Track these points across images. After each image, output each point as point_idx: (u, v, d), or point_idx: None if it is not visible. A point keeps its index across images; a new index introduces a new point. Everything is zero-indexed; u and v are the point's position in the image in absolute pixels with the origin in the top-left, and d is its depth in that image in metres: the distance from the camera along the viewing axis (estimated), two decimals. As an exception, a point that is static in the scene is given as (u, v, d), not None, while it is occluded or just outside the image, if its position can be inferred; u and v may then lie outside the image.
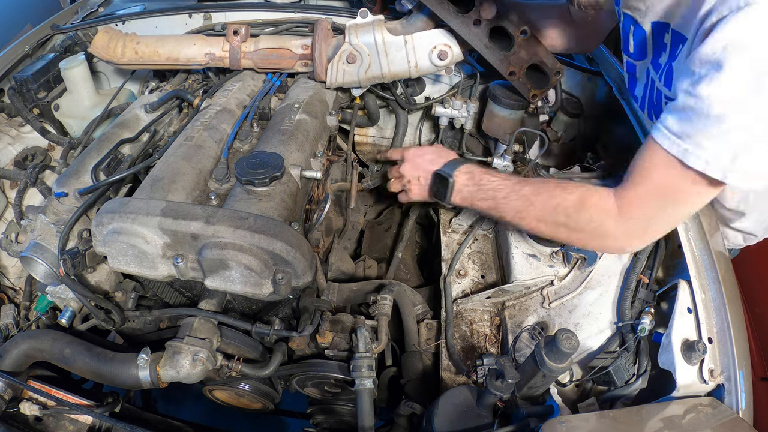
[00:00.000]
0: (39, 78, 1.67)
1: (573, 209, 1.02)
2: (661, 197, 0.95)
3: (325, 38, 1.50)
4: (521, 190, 1.10)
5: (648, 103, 1.22)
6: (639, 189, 0.96)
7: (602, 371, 1.09)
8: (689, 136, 0.86)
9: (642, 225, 0.99)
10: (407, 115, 1.79)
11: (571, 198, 1.03)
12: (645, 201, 0.96)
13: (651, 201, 0.96)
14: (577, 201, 1.02)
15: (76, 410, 1.17)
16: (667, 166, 0.90)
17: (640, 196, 0.96)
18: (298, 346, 1.25)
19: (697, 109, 0.84)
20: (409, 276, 1.67)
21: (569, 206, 1.02)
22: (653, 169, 0.93)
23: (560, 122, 1.68)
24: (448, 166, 1.23)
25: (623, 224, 0.99)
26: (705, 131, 0.84)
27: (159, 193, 1.15)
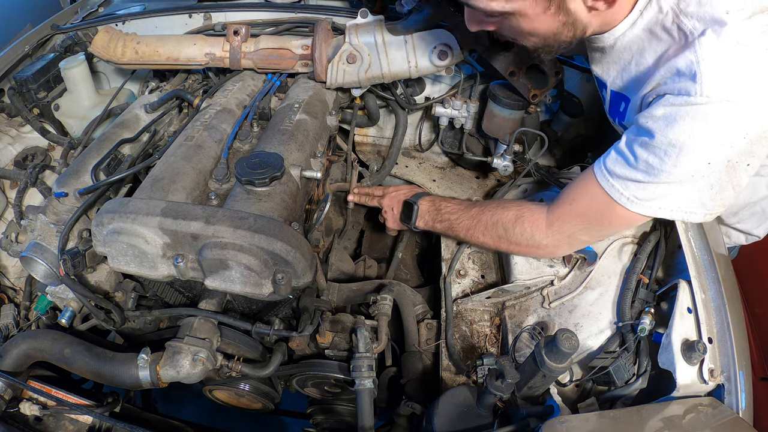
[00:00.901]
0: (39, 78, 1.67)
1: (510, 224, 1.20)
2: (585, 219, 1.10)
3: (325, 38, 1.51)
4: (470, 211, 1.29)
5: None
6: (567, 208, 1.12)
7: (602, 371, 1.09)
8: (619, 177, 1.01)
9: (566, 238, 1.15)
10: (407, 115, 1.79)
11: (508, 215, 1.21)
12: (570, 220, 1.12)
13: (576, 220, 1.11)
14: (513, 217, 1.20)
15: (76, 410, 1.17)
16: (596, 194, 1.05)
17: (567, 215, 1.12)
18: (298, 346, 1.25)
19: (630, 159, 0.99)
20: (409, 276, 1.67)
21: (506, 221, 1.21)
22: (584, 194, 1.09)
23: (560, 122, 1.68)
24: (414, 197, 1.42)
25: (550, 236, 1.15)
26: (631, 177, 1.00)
27: (159, 193, 1.15)
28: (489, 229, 1.24)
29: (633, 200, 1.00)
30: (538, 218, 1.16)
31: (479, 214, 1.26)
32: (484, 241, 1.27)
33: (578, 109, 1.65)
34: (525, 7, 0.92)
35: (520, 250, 1.25)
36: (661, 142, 0.92)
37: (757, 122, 0.87)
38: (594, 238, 1.18)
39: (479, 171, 1.85)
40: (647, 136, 0.94)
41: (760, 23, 0.85)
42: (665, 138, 0.91)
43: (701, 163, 0.91)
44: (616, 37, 1.05)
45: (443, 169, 1.88)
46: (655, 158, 0.94)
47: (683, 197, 0.98)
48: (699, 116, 0.87)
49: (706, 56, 0.86)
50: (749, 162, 0.93)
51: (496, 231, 1.22)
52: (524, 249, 1.22)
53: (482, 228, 1.25)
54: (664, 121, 0.91)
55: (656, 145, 0.93)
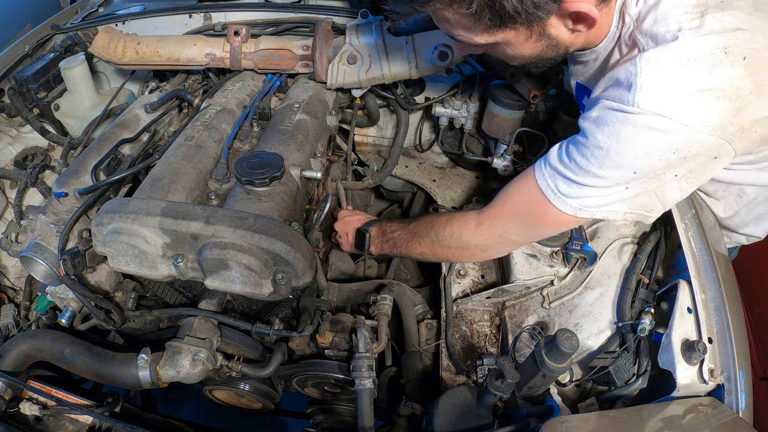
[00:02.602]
0: (39, 78, 1.67)
1: (440, 227, 1.20)
2: (517, 217, 1.09)
3: (325, 39, 1.50)
4: (408, 226, 1.30)
5: None
6: (499, 208, 1.11)
7: (602, 371, 1.09)
8: (552, 171, 1.01)
9: (497, 237, 1.14)
10: (408, 115, 1.79)
11: (440, 219, 1.22)
12: (501, 218, 1.11)
13: (507, 218, 1.10)
14: (444, 220, 1.20)
15: (76, 410, 1.17)
16: (529, 191, 1.04)
17: (499, 214, 1.11)
18: (298, 346, 1.25)
19: (564, 157, 0.99)
20: (409, 276, 1.67)
21: (437, 225, 1.21)
22: (518, 192, 1.08)
23: (560, 122, 1.68)
24: (366, 225, 1.42)
25: (479, 236, 1.14)
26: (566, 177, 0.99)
27: (159, 193, 1.15)
28: (423, 236, 1.23)
29: (558, 195, 1.00)
30: (468, 219, 1.16)
31: (416, 226, 1.27)
32: (422, 252, 1.26)
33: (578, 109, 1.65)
34: (508, 38, 0.94)
35: (451, 254, 1.23)
36: (590, 143, 0.93)
37: (689, 140, 0.86)
38: (525, 238, 1.16)
39: (479, 171, 1.85)
40: (582, 135, 0.96)
41: (711, 44, 0.85)
42: (594, 139, 0.92)
43: (626, 170, 0.92)
44: (599, 51, 1.07)
45: (443, 169, 1.88)
46: (582, 158, 0.95)
47: (605, 199, 0.98)
48: (628, 123, 0.88)
49: (645, 70, 0.86)
50: (677, 173, 0.93)
51: (429, 237, 1.22)
52: (454, 251, 1.21)
53: (419, 237, 1.25)
54: (595, 123, 0.93)
55: (586, 145, 0.94)
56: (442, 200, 1.71)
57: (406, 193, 1.95)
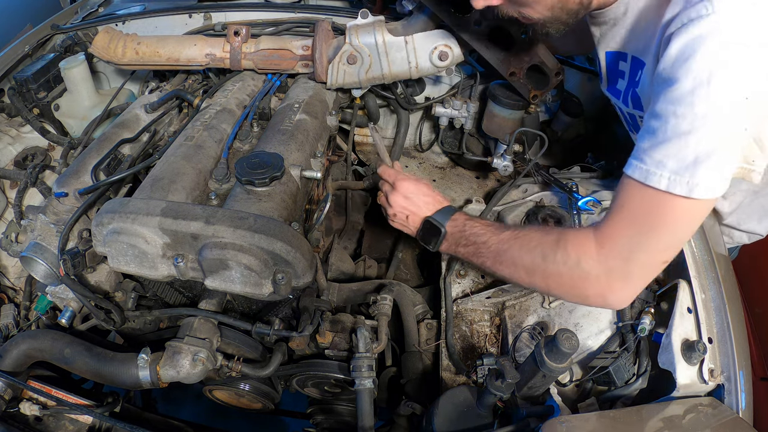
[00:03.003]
0: (39, 78, 1.67)
1: (550, 248, 0.95)
2: (636, 225, 0.89)
3: (325, 39, 1.50)
4: (501, 234, 1.05)
5: (625, 122, 1.25)
6: (614, 220, 0.91)
7: (602, 371, 1.09)
8: (650, 156, 0.85)
9: (622, 262, 0.91)
10: (408, 115, 1.79)
11: (549, 238, 0.97)
12: (622, 233, 0.90)
13: (627, 232, 0.89)
14: (555, 239, 0.96)
15: (76, 410, 1.17)
16: (636, 192, 0.87)
17: (618, 229, 0.90)
18: (298, 346, 1.25)
19: (655, 128, 0.84)
20: (409, 276, 1.67)
21: (546, 245, 0.96)
22: (626, 198, 0.90)
23: (560, 122, 1.68)
24: (441, 215, 1.16)
25: (603, 262, 0.91)
26: (663, 148, 0.83)
27: (159, 193, 1.15)
28: (523, 254, 0.98)
29: (673, 179, 0.81)
30: (584, 239, 0.93)
31: (512, 239, 1.01)
32: (514, 272, 1.02)
33: (578, 109, 1.65)
34: None
35: (560, 285, 0.97)
36: (685, 82, 0.78)
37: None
38: (655, 254, 0.90)
39: (479, 171, 1.85)
40: (669, 84, 0.81)
41: None
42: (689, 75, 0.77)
43: (737, 95, 0.77)
44: (627, 3, 0.97)
45: (443, 169, 1.88)
46: (683, 106, 0.78)
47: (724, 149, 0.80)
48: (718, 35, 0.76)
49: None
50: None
51: (532, 257, 0.97)
52: (566, 282, 0.96)
53: (514, 254, 1.00)
54: (682, 58, 0.78)
55: (681, 88, 0.79)
56: (442, 200, 1.71)
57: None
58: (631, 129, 1.25)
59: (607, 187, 1.40)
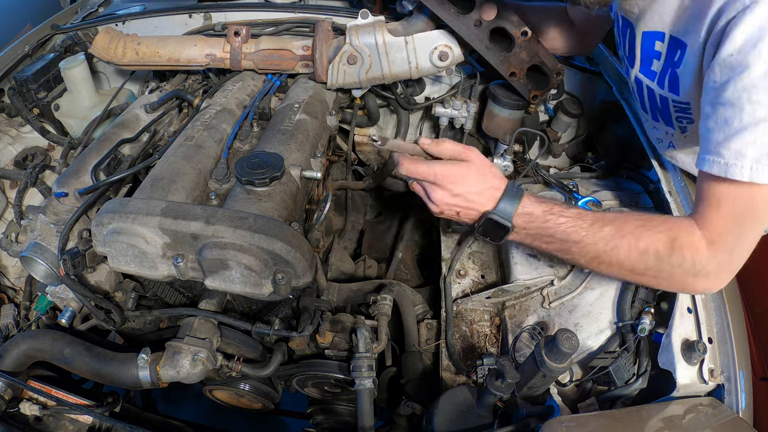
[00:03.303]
0: (39, 78, 1.67)
1: (665, 251, 0.91)
2: (739, 221, 0.88)
3: (325, 39, 1.51)
4: (600, 232, 0.95)
5: (651, 106, 1.21)
6: (718, 217, 0.89)
7: (602, 371, 1.09)
8: (727, 148, 0.83)
9: (729, 255, 0.91)
10: (408, 115, 1.79)
11: (661, 239, 0.92)
12: (728, 228, 0.89)
13: (732, 226, 0.89)
14: (668, 241, 0.92)
15: (76, 410, 1.17)
16: (726, 187, 0.86)
17: (723, 225, 0.89)
18: (298, 346, 1.25)
19: (727, 117, 0.82)
20: (409, 276, 1.67)
21: (660, 248, 0.91)
22: (719, 195, 0.88)
23: (560, 122, 1.68)
24: (504, 207, 1.00)
25: (713, 258, 0.90)
26: (740, 137, 0.81)
27: (159, 193, 1.15)
28: (633, 257, 0.93)
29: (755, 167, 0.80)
30: (697, 241, 0.90)
31: (616, 237, 0.94)
32: (619, 273, 0.97)
33: (578, 109, 1.66)
34: None
35: (672, 284, 0.96)
36: (757, 67, 0.76)
37: None
38: (754, 242, 0.91)
39: (479, 171, 1.85)
40: (740, 71, 0.79)
41: None
42: (761, 59, 0.76)
43: None
44: None
45: (443, 169, 1.88)
46: (758, 91, 0.77)
47: None
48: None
49: None
50: None
51: (645, 261, 0.93)
52: (679, 281, 0.94)
53: (621, 256, 0.94)
54: (751, 43, 0.77)
55: (754, 74, 0.77)
56: (442, 200, 1.71)
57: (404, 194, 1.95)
58: (657, 117, 1.20)
59: (607, 187, 1.40)
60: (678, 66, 1.03)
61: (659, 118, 1.20)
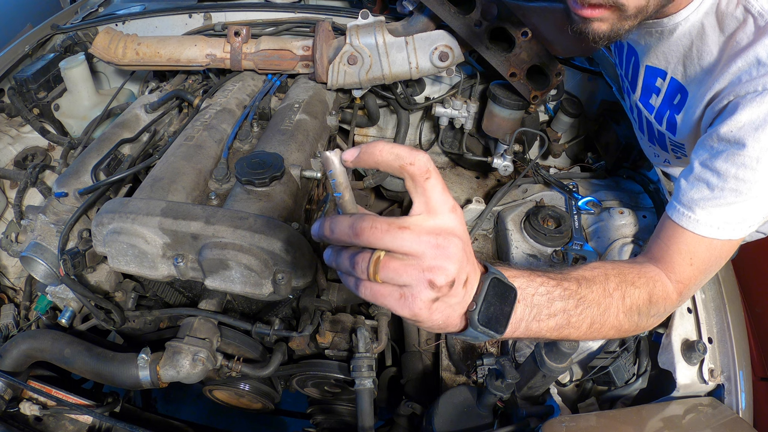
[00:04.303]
0: (39, 78, 1.67)
1: (645, 306, 0.93)
2: (703, 272, 0.95)
3: (326, 39, 1.51)
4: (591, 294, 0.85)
5: (648, 134, 1.24)
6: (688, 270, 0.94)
7: (602, 371, 1.09)
8: (703, 208, 0.89)
9: (687, 298, 1.01)
10: (408, 115, 1.79)
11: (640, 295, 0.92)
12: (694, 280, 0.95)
13: (698, 277, 0.95)
14: (647, 298, 0.93)
15: (76, 410, 1.17)
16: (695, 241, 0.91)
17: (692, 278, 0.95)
18: (298, 346, 1.25)
19: (712, 184, 0.88)
20: (409, 276, 1.67)
21: (641, 304, 0.93)
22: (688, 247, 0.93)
23: (560, 122, 1.68)
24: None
25: (679, 303, 0.98)
26: (717, 203, 0.87)
27: (159, 193, 1.15)
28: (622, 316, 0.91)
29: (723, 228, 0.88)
30: (668, 290, 0.95)
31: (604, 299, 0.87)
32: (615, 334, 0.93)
33: (578, 109, 1.66)
34: None
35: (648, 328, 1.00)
36: (753, 149, 0.82)
37: None
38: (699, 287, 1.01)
39: (479, 171, 1.85)
40: (735, 147, 0.84)
41: None
42: (758, 144, 0.81)
43: None
44: (677, 22, 0.96)
45: (443, 169, 1.88)
46: (746, 170, 0.83)
47: None
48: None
49: None
50: None
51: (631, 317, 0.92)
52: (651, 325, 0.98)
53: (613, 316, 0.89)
54: (753, 126, 0.82)
55: (747, 155, 0.83)
56: (442, 200, 1.71)
57: (406, 193, 1.95)
58: (653, 141, 1.23)
59: (607, 187, 1.40)
60: (677, 112, 1.06)
61: (655, 143, 1.23)
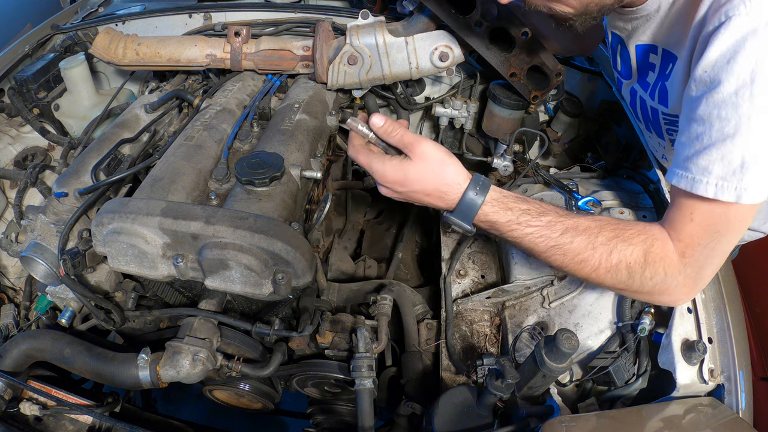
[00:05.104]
0: (39, 78, 1.67)
1: (637, 266, 0.90)
2: (708, 234, 0.87)
3: (326, 39, 1.51)
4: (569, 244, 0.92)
5: (643, 117, 1.23)
6: (689, 229, 0.89)
7: (602, 371, 1.09)
8: (695, 164, 0.84)
9: (696, 270, 0.91)
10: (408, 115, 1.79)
11: (634, 252, 0.90)
12: (698, 241, 0.88)
13: (702, 239, 0.88)
14: (641, 255, 0.90)
15: (76, 410, 1.17)
16: (693, 202, 0.87)
17: (694, 238, 0.88)
18: (298, 346, 1.25)
19: (698, 133, 0.83)
20: (409, 276, 1.67)
21: (632, 263, 0.90)
22: (689, 209, 0.88)
23: (560, 122, 1.68)
24: (461, 210, 0.96)
25: (683, 271, 0.90)
26: (707, 153, 0.82)
27: (159, 193, 1.15)
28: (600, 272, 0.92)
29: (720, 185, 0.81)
30: (668, 251, 0.90)
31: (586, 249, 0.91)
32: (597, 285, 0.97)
33: (578, 109, 1.66)
34: None
35: (641, 295, 0.97)
36: (729, 84, 0.77)
37: None
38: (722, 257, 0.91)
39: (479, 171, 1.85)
40: (712, 87, 0.80)
41: None
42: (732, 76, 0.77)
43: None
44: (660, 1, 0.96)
45: (443, 169, 1.88)
46: (727, 108, 0.78)
47: None
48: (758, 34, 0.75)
49: None
50: None
51: (615, 276, 0.91)
52: (648, 293, 0.94)
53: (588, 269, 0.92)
54: (724, 60, 0.78)
55: (725, 91, 0.78)
56: (442, 200, 1.71)
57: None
58: (650, 128, 1.23)
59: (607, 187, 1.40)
60: (667, 78, 1.04)
61: (651, 129, 1.23)
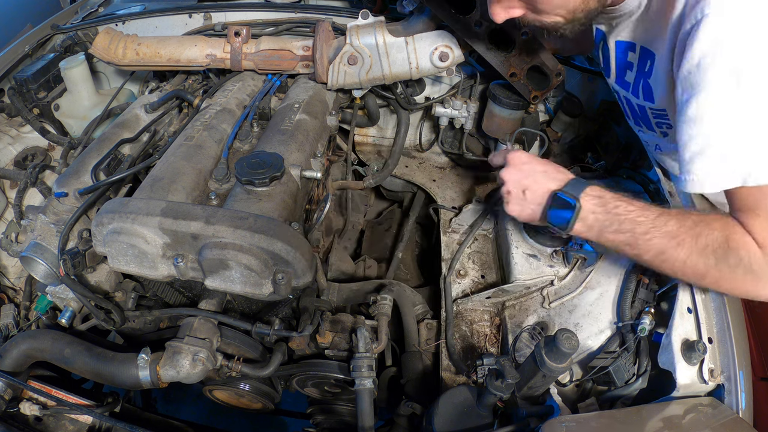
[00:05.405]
0: (39, 78, 1.67)
1: (721, 250, 0.88)
2: None
3: (326, 39, 1.51)
4: (665, 226, 0.91)
5: (632, 114, 1.25)
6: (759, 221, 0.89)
7: (602, 371, 1.09)
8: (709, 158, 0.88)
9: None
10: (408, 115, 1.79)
11: (717, 236, 0.89)
12: None
13: None
14: (723, 240, 0.89)
15: (76, 410, 1.17)
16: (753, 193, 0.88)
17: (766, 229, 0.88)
18: (298, 346, 1.25)
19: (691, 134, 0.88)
20: (409, 276, 1.67)
21: (717, 246, 0.88)
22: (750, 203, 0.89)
23: (560, 122, 1.68)
24: (571, 186, 1.00)
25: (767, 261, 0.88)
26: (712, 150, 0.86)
27: (159, 193, 1.15)
28: (694, 255, 0.90)
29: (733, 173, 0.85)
30: (749, 241, 0.89)
31: (680, 231, 0.90)
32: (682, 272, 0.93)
33: (578, 109, 1.66)
34: None
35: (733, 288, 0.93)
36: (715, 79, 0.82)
37: None
38: None
39: (479, 171, 1.85)
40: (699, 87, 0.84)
41: None
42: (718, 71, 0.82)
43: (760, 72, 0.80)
44: None
45: (443, 169, 1.88)
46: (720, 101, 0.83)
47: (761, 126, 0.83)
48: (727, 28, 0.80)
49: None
50: None
51: (705, 262, 0.89)
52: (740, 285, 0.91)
53: (684, 253, 0.90)
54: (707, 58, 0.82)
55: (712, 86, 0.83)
56: (442, 200, 1.71)
57: (406, 193, 1.95)
58: (639, 123, 1.24)
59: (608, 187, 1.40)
60: (649, 76, 1.07)
61: (641, 124, 1.24)
